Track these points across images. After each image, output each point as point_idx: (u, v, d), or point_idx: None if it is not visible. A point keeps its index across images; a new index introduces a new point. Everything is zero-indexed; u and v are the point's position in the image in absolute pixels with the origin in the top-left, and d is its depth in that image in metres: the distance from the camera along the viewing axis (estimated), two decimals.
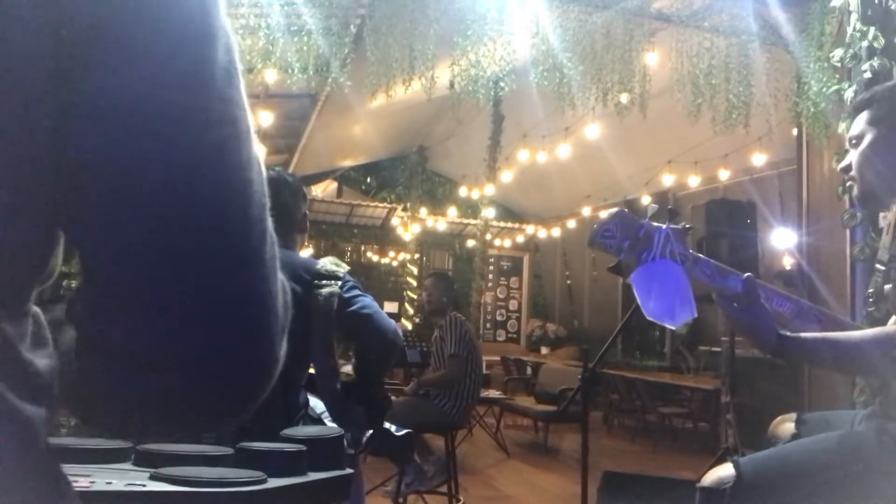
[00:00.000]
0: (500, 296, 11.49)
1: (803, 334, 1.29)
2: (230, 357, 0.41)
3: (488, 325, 11.22)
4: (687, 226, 1.20)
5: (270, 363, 0.42)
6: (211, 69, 0.41)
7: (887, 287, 1.39)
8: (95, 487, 0.93)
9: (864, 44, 3.08)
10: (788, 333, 1.28)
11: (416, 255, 10.70)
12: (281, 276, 0.43)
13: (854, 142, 1.49)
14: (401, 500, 3.72)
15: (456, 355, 4.01)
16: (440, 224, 10.42)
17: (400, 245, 10.79)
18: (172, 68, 0.40)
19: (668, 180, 7.67)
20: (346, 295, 1.93)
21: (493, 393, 6.61)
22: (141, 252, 0.39)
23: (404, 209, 10.42)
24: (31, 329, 0.43)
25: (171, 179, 0.39)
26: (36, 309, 0.44)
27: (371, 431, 2.00)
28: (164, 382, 0.40)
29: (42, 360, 0.43)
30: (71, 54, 0.38)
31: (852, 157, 1.49)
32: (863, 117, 1.48)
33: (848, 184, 1.53)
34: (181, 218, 0.39)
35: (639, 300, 1.16)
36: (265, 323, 0.41)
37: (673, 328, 1.30)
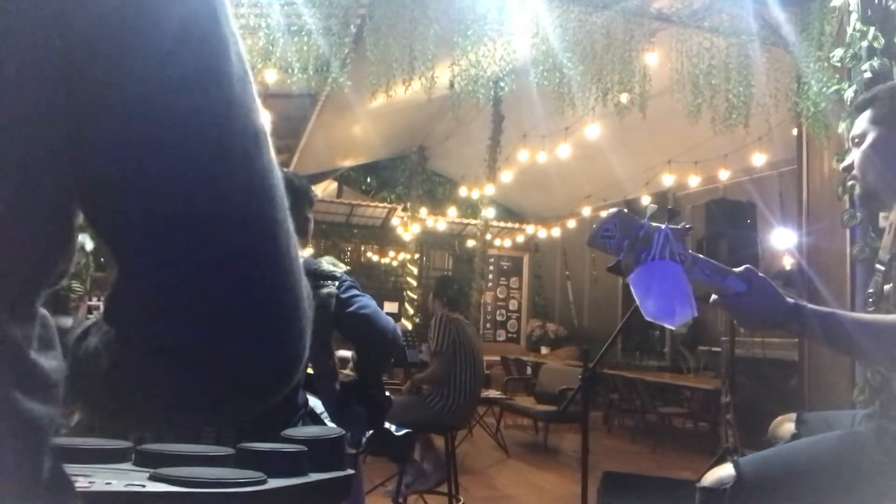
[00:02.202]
0: (500, 296, 11.49)
1: (818, 307, 1.25)
2: (264, 351, 0.42)
3: (488, 325, 11.22)
4: (687, 226, 1.19)
5: (298, 356, 0.44)
6: (225, 71, 0.42)
7: (887, 287, 1.39)
8: (95, 487, 0.93)
9: (864, 44, 3.08)
10: (805, 304, 1.24)
11: (416, 255, 10.70)
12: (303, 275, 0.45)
13: (856, 141, 1.49)
14: (401, 500, 3.72)
15: (438, 353, 4.01)
16: (440, 224, 10.42)
17: (400, 245, 10.79)
18: (186, 70, 0.40)
19: (668, 180, 7.67)
20: (344, 295, 1.93)
21: (493, 393, 6.61)
22: (176, 253, 0.40)
23: (404, 209, 10.42)
24: (38, 331, 0.43)
25: (201, 182, 0.40)
26: (43, 311, 0.44)
27: (371, 431, 2.00)
28: (199, 376, 0.42)
29: (49, 362, 0.43)
30: (86, 56, 0.38)
31: (854, 156, 1.49)
32: (865, 117, 1.48)
33: (850, 183, 1.52)
34: (214, 219, 0.40)
35: (638, 300, 1.15)
36: (295, 318, 0.43)
37: (672, 328, 1.29)
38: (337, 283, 1.93)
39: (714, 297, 1.23)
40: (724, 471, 1.45)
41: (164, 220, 0.39)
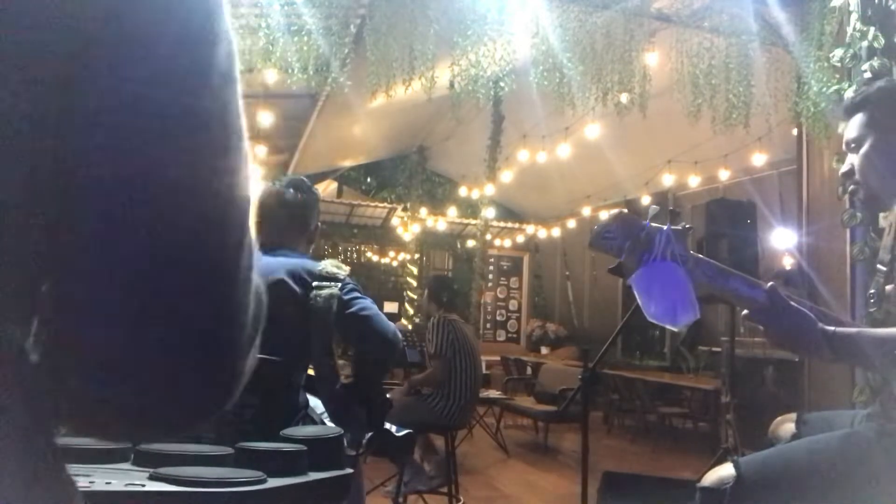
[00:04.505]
0: (500, 296, 11.49)
1: (848, 329, 1.25)
2: (193, 367, 0.40)
3: (488, 325, 11.22)
4: (687, 226, 1.19)
5: (233, 377, 0.42)
6: (209, 73, 0.41)
7: (889, 287, 1.39)
8: (95, 487, 0.93)
9: (864, 44, 3.08)
10: (833, 329, 1.23)
11: (416, 255, 10.70)
12: (257, 281, 0.43)
13: (853, 146, 1.48)
14: (401, 500, 3.72)
15: (437, 355, 4.01)
16: (440, 224, 10.42)
17: (400, 245, 10.79)
18: (170, 70, 0.40)
19: (668, 180, 7.67)
20: (346, 297, 1.93)
21: (493, 393, 6.62)
22: (110, 251, 0.38)
23: (404, 209, 10.42)
24: (34, 329, 0.43)
25: (164, 184, 0.39)
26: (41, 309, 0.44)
27: (371, 433, 1.99)
28: (122, 386, 0.39)
29: (45, 361, 0.43)
30: (84, 58, 0.38)
31: (853, 161, 1.48)
32: (858, 120, 1.47)
33: (851, 188, 1.52)
34: (156, 222, 0.39)
35: (640, 302, 1.15)
36: (230, 336, 0.41)
37: (675, 329, 1.29)
38: (340, 284, 1.93)
39: (745, 312, 1.23)
40: (724, 471, 1.45)
41: (118, 218, 0.38)
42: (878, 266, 1.47)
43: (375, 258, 11.12)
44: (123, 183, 0.39)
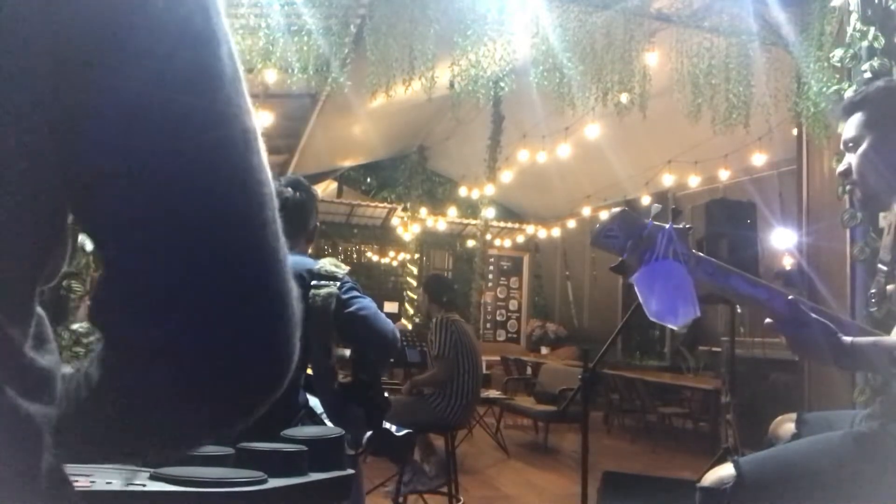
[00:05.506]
0: (500, 296, 11.49)
1: (862, 339, 1.26)
2: (251, 352, 0.41)
3: (488, 325, 11.22)
4: (688, 226, 1.19)
5: (288, 357, 0.43)
6: (217, 70, 0.42)
7: (890, 287, 1.39)
8: (96, 487, 0.93)
9: (864, 44, 3.08)
10: (851, 340, 1.24)
11: (416, 255, 10.70)
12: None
13: (851, 145, 1.48)
14: (401, 500, 3.72)
15: (440, 356, 4.01)
16: (440, 224, 10.42)
17: (400, 245, 10.79)
18: (178, 68, 0.40)
19: (668, 180, 7.67)
20: (345, 296, 1.93)
21: (493, 393, 6.61)
22: (159, 250, 0.39)
23: (404, 209, 10.42)
24: (33, 329, 0.43)
25: (185, 178, 0.40)
26: (39, 309, 0.44)
27: (370, 432, 1.99)
28: (185, 378, 0.41)
29: (45, 360, 0.43)
30: (77, 55, 0.38)
31: (851, 160, 1.48)
32: (856, 120, 1.47)
33: (849, 187, 1.52)
34: (198, 215, 0.40)
35: (641, 300, 1.15)
36: (284, 317, 0.42)
37: (676, 328, 1.29)
38: (338, 283, 1.93)
39: (767, 320, 1.23)
40: (724, 471, 1.45)
41: (152, 217, 0.39)
42: (879, 266, 1.47)
43: (375, 258, 11.12)
44: (148, 182, 0.39)
